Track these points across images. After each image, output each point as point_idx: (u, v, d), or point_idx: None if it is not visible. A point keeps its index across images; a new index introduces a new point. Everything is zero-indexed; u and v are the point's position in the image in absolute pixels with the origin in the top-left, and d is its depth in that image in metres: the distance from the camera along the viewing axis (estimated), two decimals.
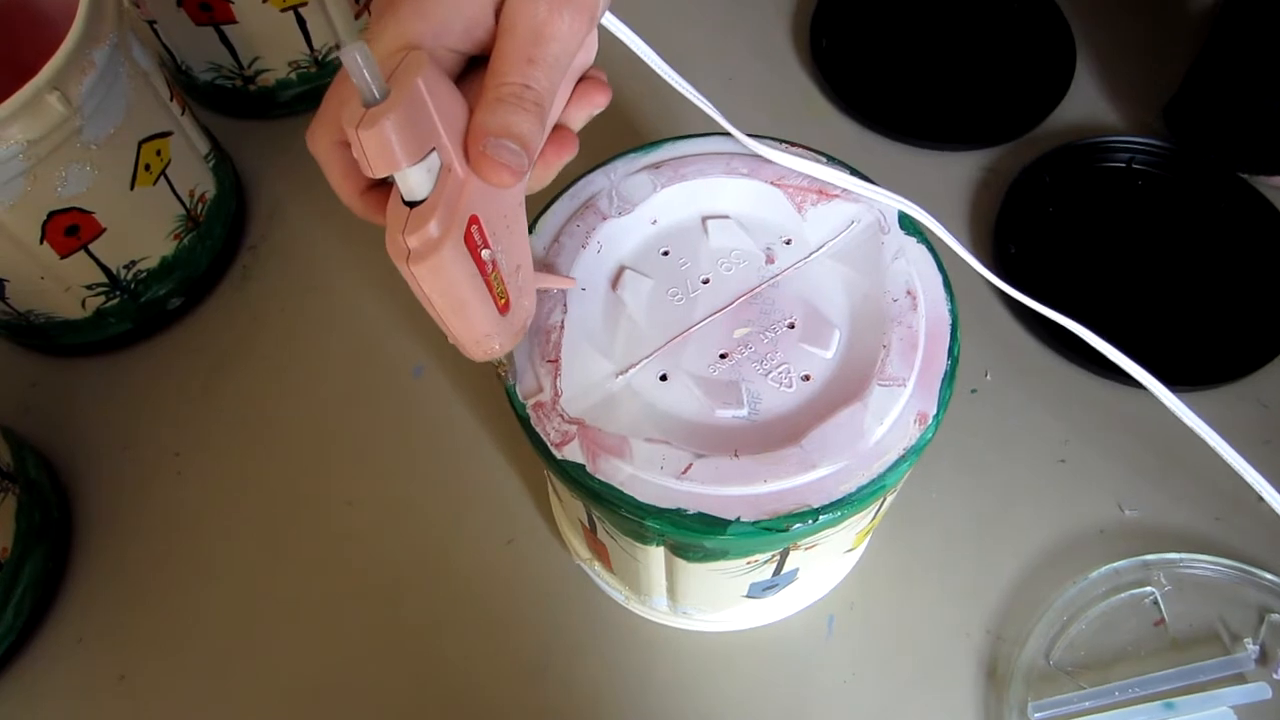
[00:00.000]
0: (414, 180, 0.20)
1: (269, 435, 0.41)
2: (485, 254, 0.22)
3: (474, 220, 0.21)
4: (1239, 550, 0.37)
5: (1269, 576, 0.36)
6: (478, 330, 0.23)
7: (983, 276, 0.43)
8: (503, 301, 0.23)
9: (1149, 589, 0.36)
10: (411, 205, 0.20)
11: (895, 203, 0.28)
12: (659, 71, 0.28)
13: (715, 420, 0.25)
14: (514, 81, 0.21)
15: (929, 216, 0.28)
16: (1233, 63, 0.43)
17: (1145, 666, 0.35)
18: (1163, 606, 0.36)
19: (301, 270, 0.46)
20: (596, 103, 0.25)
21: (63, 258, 0.37)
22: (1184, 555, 0.36)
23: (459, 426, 0.41)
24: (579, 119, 0.25)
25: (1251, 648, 0.35)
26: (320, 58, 0.49)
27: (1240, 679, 0.34)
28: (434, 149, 0.20)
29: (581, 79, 0.24)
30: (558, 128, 0.24)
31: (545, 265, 0.27)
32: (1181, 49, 0.46)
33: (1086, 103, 0.49)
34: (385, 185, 0.22)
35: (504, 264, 0.23)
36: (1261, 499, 0.36)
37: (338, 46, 0.49)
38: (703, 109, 0.28)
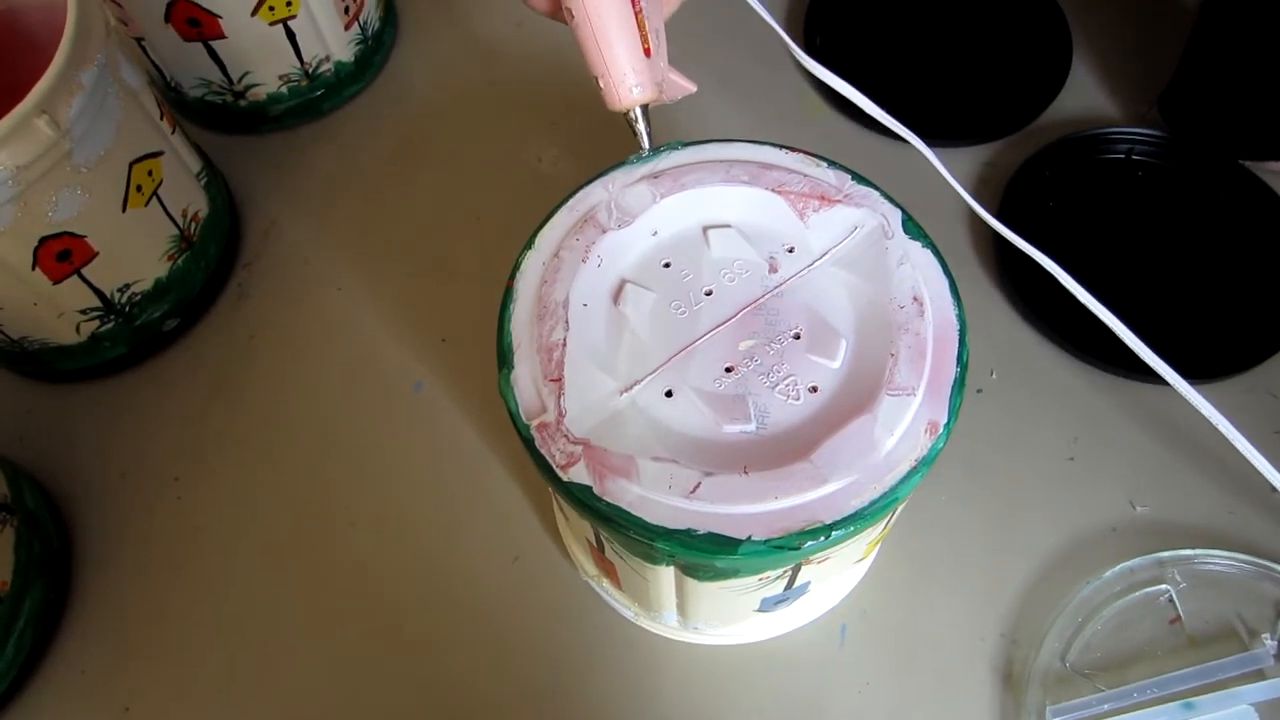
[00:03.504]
0: None
1: (270, 456, 0.40)
2: None
3: None
4: (1254, 544, 0.36)
5: None
6: (625, 63, 0.27)
7: (984, 270, 0.43)
8: (645, 46, 0.27)
9: (1164, 586, 0.36)
10: None
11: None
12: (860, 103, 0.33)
13: (723, 436, 0.25)
14: None
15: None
16: (1221, 50, 0.42)
17: (1163, 666, 0.34)
18: (1178, 604, 0.35)
19: (298, 286, 0.45)
20: None
21: (55, 283, 0.37)
22: (1198, 551, 0.36)
23: (461, 441, 0.40)
24: None
25: (1270, 643, 0.34)
26: (311, 70, 0.48)
27: (1260, 675, 0.34)
28: None
29: None
30: None
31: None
32: (1179, 36, 0.45)
33: (1084, 95, 0.48)
34: None
35: (648, 15, 0.27)
36: (1275, 490, 0.36)
37: (328, 59, 0.49)
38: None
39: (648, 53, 0.27)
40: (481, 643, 0.36)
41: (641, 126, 0.29)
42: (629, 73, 0.27)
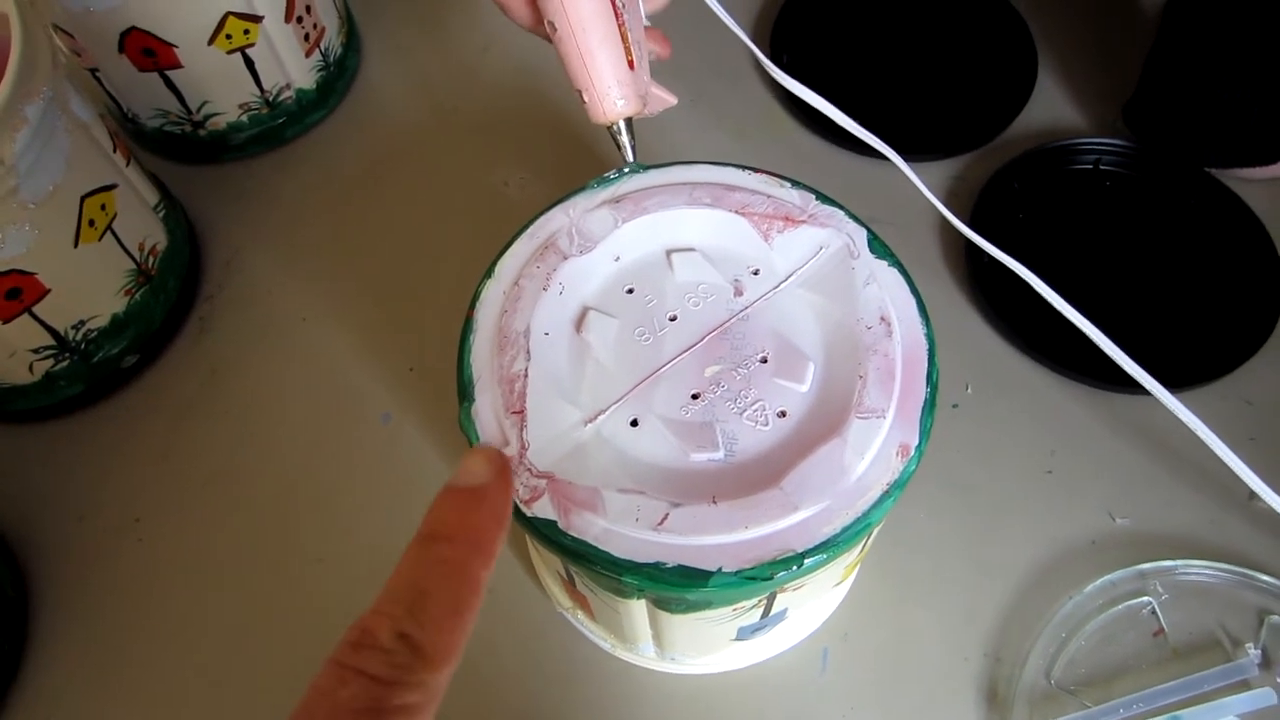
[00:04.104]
0: None
1: (234, 494, 0.39)
2: (619, 1, 0.26)
3: None
4: (1234, 552, 0.36)
5: (1266, 578, 0.35)
6: (610, 76, 0.27)
7: (956, 283, 0.43)
8: (629, 59, 0.27)
9: (1146, 599, 0.35)
10: None
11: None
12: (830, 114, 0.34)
13: (690, 465, 0.24)
14: None
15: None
16: (1183, 59, 0.42)
17: (1148, 679, 0.34)
18: (1161, 616, 0.35)
19: (262, 318, 0.44)
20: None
21: (5, 322, 0.36)
22: (1179, 562, 0.36)
23: (431, 473, 0.39)
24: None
25: (1253, 653, 0.34)
26: (272, 98, 0.48)
27: (1244, 685, 0.34)
28: None
29: None
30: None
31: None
32: (1143, 43, 0.46)
33: (1050, 106, 0.48)
34: None
35: (630, 28, 0.27)
36: (1253, 498, 0.36)
37: (289, 86, 0.48)
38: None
39: (631, 65, 0.27)
40: (456, 678, 0.34)
41: (625, 140, 0.29)
42: (613, 85, 0.27)
